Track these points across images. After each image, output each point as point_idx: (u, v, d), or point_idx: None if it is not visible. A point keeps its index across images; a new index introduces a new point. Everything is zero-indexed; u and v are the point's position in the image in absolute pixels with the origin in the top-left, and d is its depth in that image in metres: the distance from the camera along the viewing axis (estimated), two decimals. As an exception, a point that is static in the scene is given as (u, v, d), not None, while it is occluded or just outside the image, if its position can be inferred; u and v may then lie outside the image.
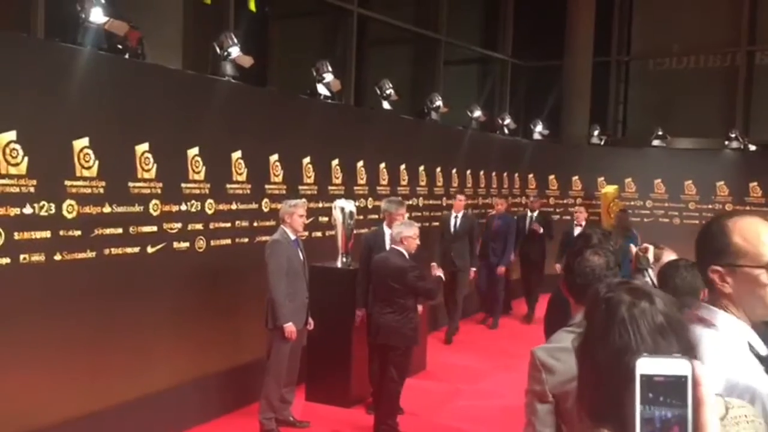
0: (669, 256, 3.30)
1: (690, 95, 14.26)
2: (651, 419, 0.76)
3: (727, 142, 11.99)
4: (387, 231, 6.23)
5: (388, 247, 5.99)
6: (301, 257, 5.59)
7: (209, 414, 5.77)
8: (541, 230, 9.90)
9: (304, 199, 5.98)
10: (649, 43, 14.94)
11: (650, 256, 2.58)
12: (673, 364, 0.78)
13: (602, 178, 12.49)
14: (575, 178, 12.78)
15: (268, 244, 5.52)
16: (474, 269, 8.98)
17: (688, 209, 12.13)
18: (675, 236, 11.09)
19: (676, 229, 11.84)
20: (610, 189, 11.97)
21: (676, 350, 1.35)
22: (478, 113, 10.74)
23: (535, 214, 10.25)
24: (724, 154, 12.03)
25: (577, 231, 9.22)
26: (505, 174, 11.70)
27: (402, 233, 5.59)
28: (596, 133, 13.12)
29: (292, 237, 5.52)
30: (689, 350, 1.34)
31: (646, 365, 0.79)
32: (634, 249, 2.62)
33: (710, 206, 11.79)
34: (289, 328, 5.36)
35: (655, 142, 12.53)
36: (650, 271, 2.60)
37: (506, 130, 11.70)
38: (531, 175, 12.54)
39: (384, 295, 5.57)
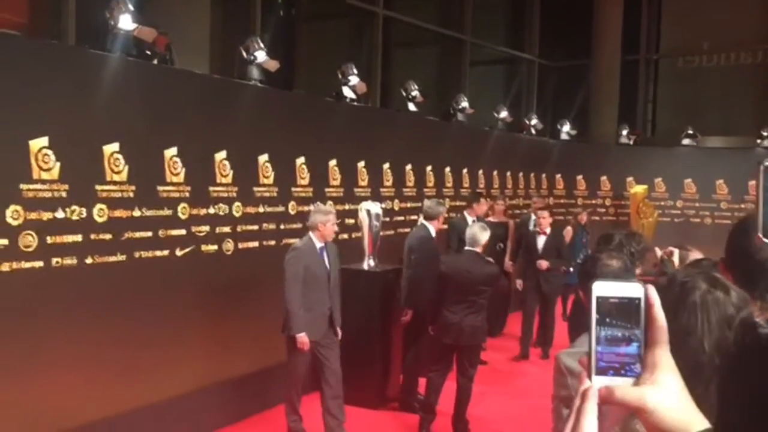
0: (696, 257, 3.25)
1: (721, 93, 14.05)
2: (605, 338, 0.82)
3: (759, 141, 11.80)
4: (431, 228, 6.51)
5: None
6: (327, 266, 5.32)
7: (236, 416, 5.81)
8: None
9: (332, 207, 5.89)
10: (679, 40, 14.73)
11: (675, 259, 2.56)
12: (628, 287, 0.82)
13: (631, 178, 12.36)
14: (603, 178, 12.66)
15: (289, 250, 5.34)
16: None
17: (719, 209, 11.95)
18: (706, 236, 10.96)
19: (708, 229, 11.67)
20: (639, 189, 11.85)
21: None
22: (504, 114, 10.68)
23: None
24: (756, 153, 11.83)
25: (540, 241, 8.01)
26: (532, 174, 11.63)
27: (484, 238, 5.70)
28: (625, 132, 12.98)
29: (319, 245, 5.28)
30: None
31: (602, 288, 0.83)
32: (659, 252, 2.60)
33: (742, 206, 11.60)
34: (302, 338, 5.12)
35: (686, 141, 12.36)
36: (676, 274, 2.57)
37: (533, 131, 11.63)
38: (558, 176, 12.45)
39: (466, 297, 5.60)
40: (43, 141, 4.32)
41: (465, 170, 9.62)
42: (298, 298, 5.15)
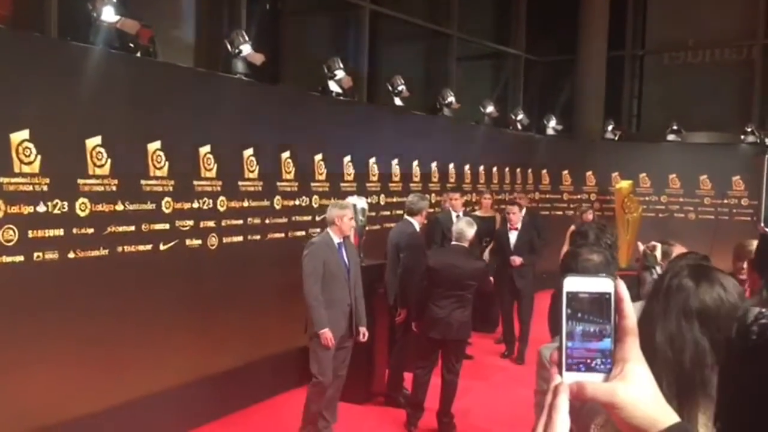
0: (680, 252, 3.26)
1: (706, 89, 14.12)
2: (576, 333, 0.82)
3: (743, 137, 11.90)
4: (416, 224, 6.56)
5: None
6: (346, 261, 5.25)
7: (222, 411, 5.79)
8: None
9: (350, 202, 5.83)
10: (664, 36, 14.80)
11: (658, 253, 2.57)
12: (598, 283, 0.82)
13: (616, 174, 12.41)
14: (589, 173, 12.70)
15: (306, 245, 5.25)
16: None
17: (703, 204, 12.04)
18: (690, 231, 11.03)
19: (691, 224, 11.76)
20: (624, 184, 11.90)
21: (695, 337, 1.34)
22: (490, 109, 10.70)
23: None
24: (740, 149, 11.92)
25: (512, 237, 7.80)
26: (518, 170, 11.66)
27: (471, 233, 5.72)
28: (610, 128, 13.04)
29: (337, 240, 5.21)
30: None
31: (573, 284, 0.82)
32: (642, 247, 2.61)
33: (726, 201, 11.70)
34: (326, 334, 4.98)
35: (670, 137, 12.44)
36: (658, 269, 2.58)
37: (519, 126, 11.66)
38: (544, 171, 12.48)
39: (454, 291, 5.58)
40: (24, 134, 4.27)
41: (451, 165, 9.63)
42: (317, 293, 5.04)
